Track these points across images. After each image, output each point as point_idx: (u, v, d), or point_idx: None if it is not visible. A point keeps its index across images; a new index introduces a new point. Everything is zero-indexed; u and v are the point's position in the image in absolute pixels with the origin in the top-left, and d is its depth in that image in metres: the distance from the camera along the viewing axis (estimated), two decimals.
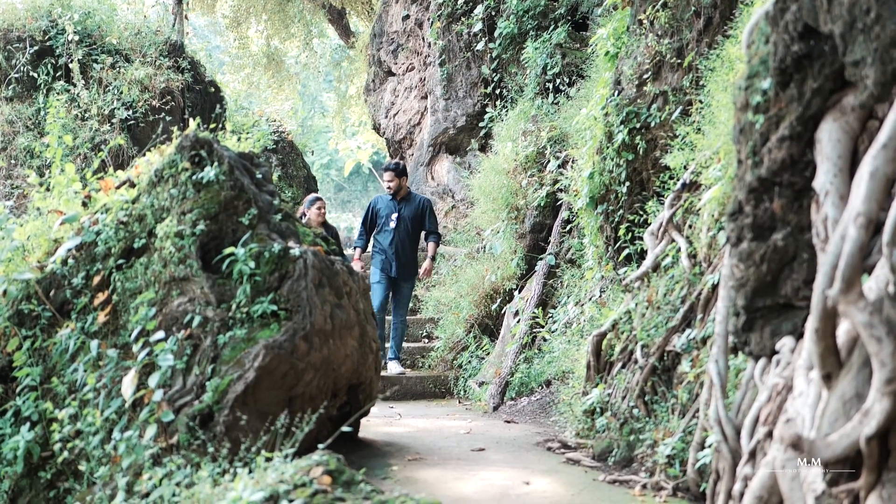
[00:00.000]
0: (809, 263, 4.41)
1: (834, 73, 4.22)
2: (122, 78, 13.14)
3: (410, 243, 12.19)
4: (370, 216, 12.37)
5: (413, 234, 12.22)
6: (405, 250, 12.11)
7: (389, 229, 12.12)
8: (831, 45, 4.15)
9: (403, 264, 12.08)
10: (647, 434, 6.28)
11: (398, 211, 12.19)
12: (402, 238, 12.10)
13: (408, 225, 12.17)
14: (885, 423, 3.23)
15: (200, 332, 6.28)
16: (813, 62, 4.26)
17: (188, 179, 6.53)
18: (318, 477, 4.75)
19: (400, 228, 12.12)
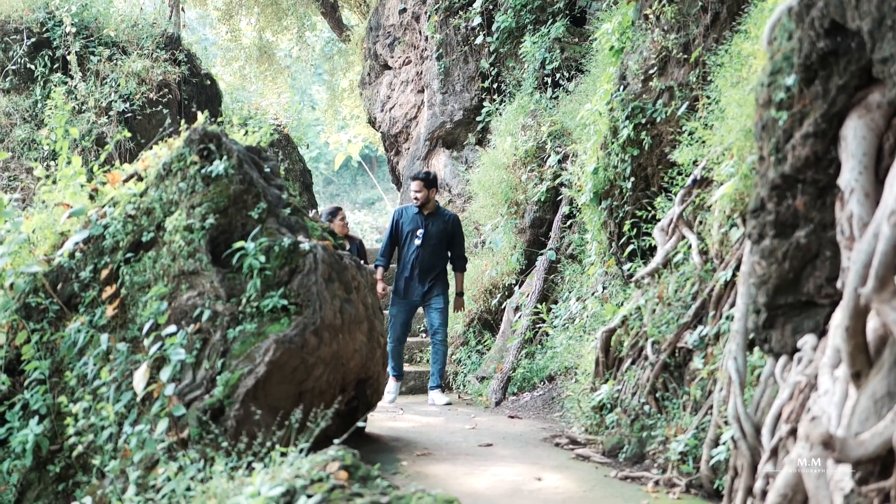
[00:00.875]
0: (832, 261, 4.40)
1: (860, 69, 4.22)
2: (119, 70, 13.08)
3: (436, 262, 10.69)
4: (394, 230, 10.85)
5: (440, 253, 10.72)
6: (431, 270, 10.63)
7: (414, 246, 10.63)
8: (858, 42, 4.15)
9: (428, 285, 10.61)
10: (658, 430, 6.28)
11: (424, 226, 10.66)
12: (426, 257, 10.61)
13: (435, 243, 10.66)
14: None
15: (210, 327, 6.25)
16: (839, 59, 4.25)
17: (197, 173, 6.50)
18: (335, 472, 4.73)
19: (425, 246, 10.60)
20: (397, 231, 10.77)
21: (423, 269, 10.56)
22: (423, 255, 10.57)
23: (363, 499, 4.48)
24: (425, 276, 10.56)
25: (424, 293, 10.56)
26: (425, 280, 10.56)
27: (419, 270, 10.55)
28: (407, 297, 10.60)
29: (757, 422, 4.73)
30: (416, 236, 10.60)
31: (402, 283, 10.61)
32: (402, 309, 10.63)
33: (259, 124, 7.78)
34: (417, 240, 10.58)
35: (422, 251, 10.56)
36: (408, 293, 10.59)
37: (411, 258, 10.59)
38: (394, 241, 10.80)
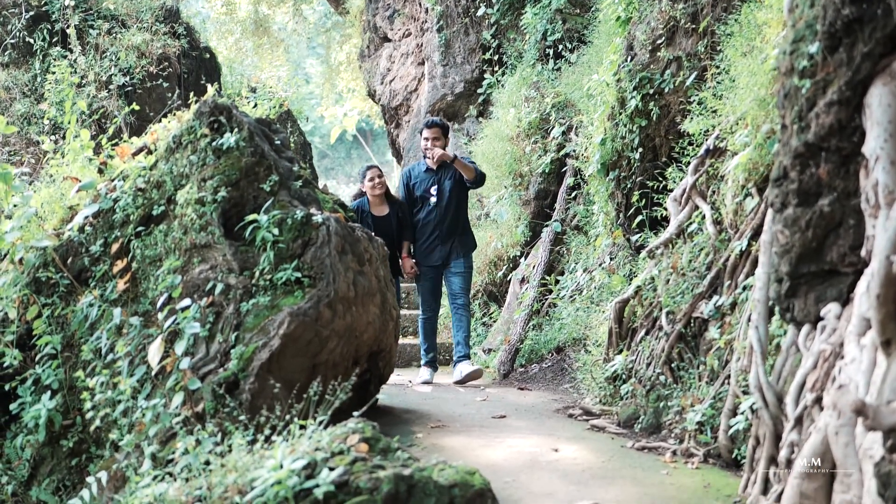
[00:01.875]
0: (856, 229, 4.39)
1: (885, 36, 4.19)
2: (118, 44, 13.00)
3: (456, 221, 9.78)
4: (407, 194, 9.90)
5: (459, 205, 9.81)
6: (451, 230, 9.73)
7: (430, 206, 9.72)
8: (884, 9, 4.12)
9: (451, 244, 9.73)
10: (674, 401, 6.29)
11: (438, 182, 9.75)
12: (444, 215, 9.70)
13: (452, 199, 9.74)
14: None
15: (223, 300, 6.23)
16: (864, 26, 4.22)
17: (208, 146, 6.46)
18: (356, 445, 4.72)
19: (442, 204, 9.69)
20: (410, 194, 9.84)
21: (443, 230, 9.70)
22: (440, 216, 9.69)
23: (385, 471, 4.47)
24: (446, 237, 9.71)
25: (445, 255, 9.70)
26: (446, 240, 9.71)
27: (438, 232, 9.70)
28: (429, 262, 9.75)
29: (779, 391, 4.73)
30: (431, 195, 9.70)
31: (422, 248, 9.77)
32: (426, 276, 9.81)
33: (265, 97, 7.73)
34: (433, 198, 9.69)
35: (438, 211, 9.69)
36: (429, 257, 9.74)
37: (429, 220, 9.70)
38: (411, 206, 9.86)
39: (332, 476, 4.35)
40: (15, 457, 6.48)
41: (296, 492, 4.32)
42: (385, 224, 9.67)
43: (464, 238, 9.79)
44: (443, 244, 9.69)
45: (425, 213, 9.73)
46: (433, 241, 9.70)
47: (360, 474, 4.44)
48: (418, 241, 9.78)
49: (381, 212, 9.75)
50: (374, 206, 9.73)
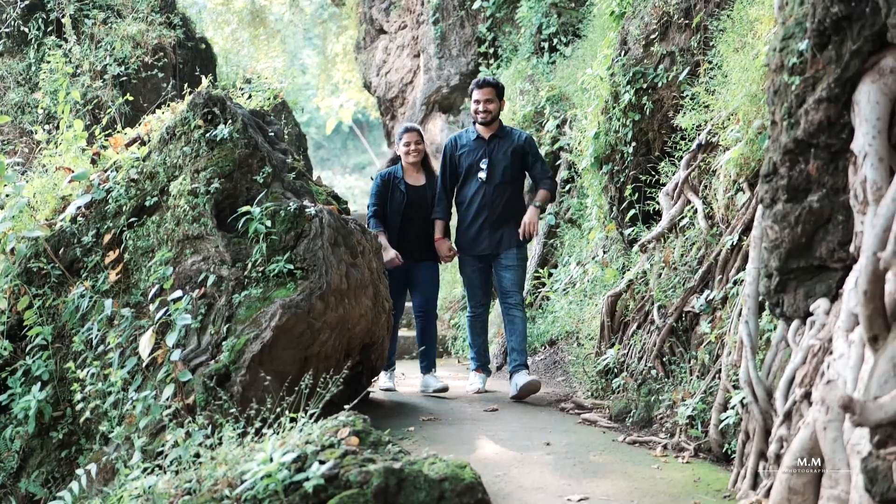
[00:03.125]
0: (845, 225, 4.40)
1: (874, 34, 4.20)
2: (114, 34, 12.95)
3: (509, 201, 8.15)
4: (448, 167, 8.29)
5: (512, 186, 8.21)
6: (503, 212, 8.10)
7: (477, 183, 8.09)
8: (872, 7, 4.13)
9: (502, 231, 8.08)
10: (665, 395, 6.31)
11: (489, 154, 8.12)
12: (495, 195, 8.06)
13: (504, 174, 8.11)
14: None
15: (215, 292, 6.25)
16: (852, 24, 4.23)
17: (201, 137, 6.47)
18: (346, 438, 4.74)
19: (494, 180, 8.07)
20: (453, 166, 8.23)
21: (493, 213, 8.03)
22: (490, 194, 8.03)
23: (376, 464, 4.48)
24: (496, 221, 8.03)
25: (495, 243, 8.06)
26: (497, 227, 8.03)
27: (487, 215, 8.03)
28: (475, 251, 8.13)
29: (769, 386, 4.75)
30: (480, 169, 8.06)
31: (467, 234, 8.13)
32: (471, 267, 8.22)
33: (259, 88, 7.73)
34: (482, 173, 8.04)
35: (488, 188, 8.02)
36: (475, 245, 8.10)
37: (476, 200, 8.06)
38: (451, 180, 8.30)
39: (322, 469, 4.36)
40: (4, 448, 6.49)
41: (285, 485, 4.33)
42: (419, 196, 8.40)
43: (517, 224, 8.06)
44: (492, 230, 8.02)
45: (472, 190, 8.07)
46: (481, 226, 8.04)
47: (351, 468, 4.45)
48: (462, 225, 8.18)
49: (416, 180, 8.47)
50: (408, 174, 8.46)
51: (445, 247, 8.32)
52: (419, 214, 8.33)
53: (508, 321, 8.03)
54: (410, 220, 8.35)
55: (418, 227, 8.35)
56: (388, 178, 8.44)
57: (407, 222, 8.35)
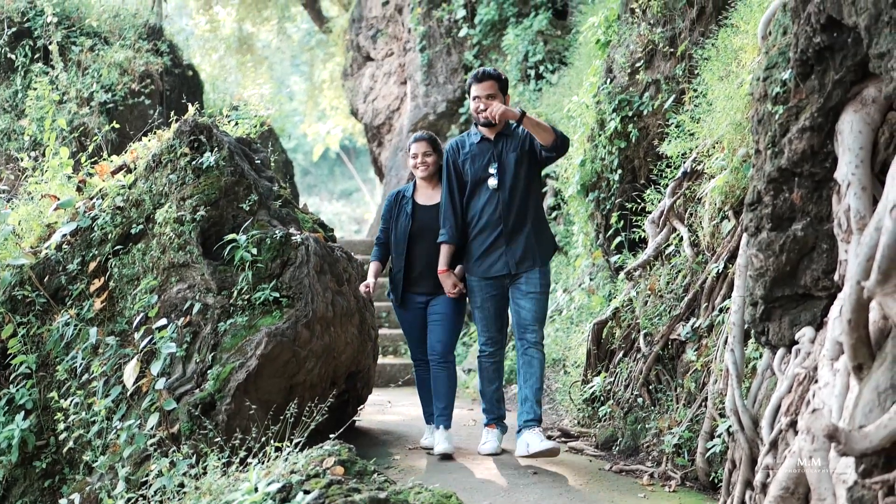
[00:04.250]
0: (829, 254, 4.42)
1: (856, 64, 4.23)
2: (101, 61, 12.97)
3: (527, 207, 6.70)
4: (454, 179, 6.79)
5: (530, 187, 6.73)
6: (520, 221, 6.65)
7: (488, 192, 6.65)
8: (854, 37, 4.16)
9: (520, 247, 6.62)
10: (652, 423, 6.30)
11: (499, 157, 6.70)
12: (510, 203, 6.62)
13: (520, 175, 6.67)
14: None
15: (200, 320, 6.23)
16: (835, 54, 4.26)
17: (188, 165, 6.47)
18: (331, 467, 4.72)
19: (506, 186, 6.63)
20: (458, 177, 6.78)
21: (509, 225, 6.62)
22: (504, 203, 6.61)
23: (361, 494, 4.46)
24: (513, 236, 6.62)
25: (514, 259, 6.61)
26: (515, 241, 6.61)
27: (502, 228, 6.61)
28: (490, 275, 6.65)
29: (755, 414, 4.75)
30: (489, 175, 6.65)
31: (479, 253, 6.67)
32: (483, 294, 6.70)
33: (246, 115, 7.75)
34: (492, 180, 6.62)
35: (501, 196, 6.61)
36: (488, 266, 6.65)
37: (488, 212, 6.64)
38: (459, 194, 6.79)
39: (307, 499, 4.34)
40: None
41: None
42: (429, 217, 6.91)
43: (539, 237, 6.69)
44: (508, 246, 6.60)
45: (482, 201, 6.66)
46: (495, 242, 6.62)
47: (336, 497, 4.43)
48: (472, 244, 6.72)
49: (427, 199, 6.97)
50: (419, 192, 7.04)
51: (450, 282, 6.72)
52: (430, 239, 6.81)
53: (524, 363, 6.56)
54: (419, 246, 6.84)
55: (429, 255, 6.80)
56: (396, 197, 7.08)
57: (414, 249, 6.85)
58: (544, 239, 6.76)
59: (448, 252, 6.71)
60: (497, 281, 6.65)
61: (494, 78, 6.70)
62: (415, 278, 6.88)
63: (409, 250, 6.88)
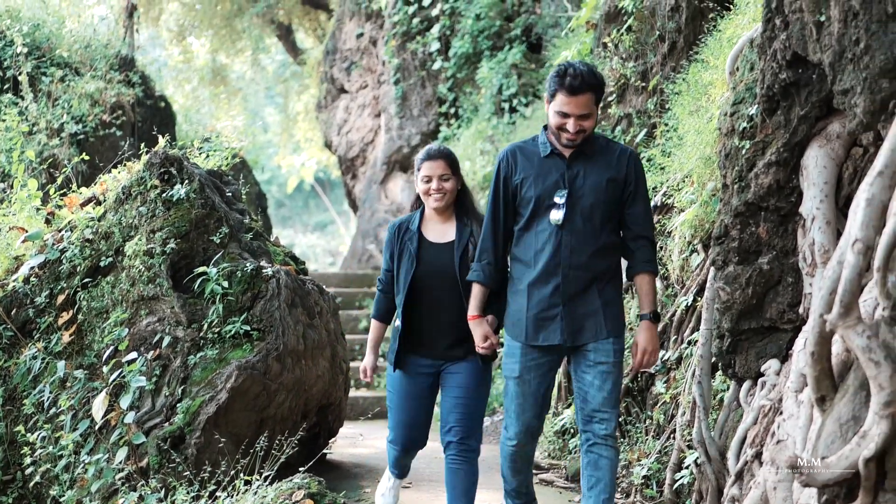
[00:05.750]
0: (794, 287, 4.48)
1: (821, 100, 4.31)
2: (71, 91, 12.94)
3: (601, 258, 4.79)
4: (502, 198, 4.89)
5: (607, 235, 4.81)
6: (592, 271, 4.77)
7: (549, 226, 4.76)
8: (819, 74, 4.23)
9: (584, 307, 4.77)
10: (621, 455, 6.31)
11: (570, 182, 4.77)
12: (578, 248, 4.74)
13: (594, 215, 4.76)
14: (884, 445, 3.28)
15: (170, 353, 6.21)
16: (800, 90, 4.34)
17: (158, 197, 6.45)
18: (301, 500, 4.73)
19: (574, 224, 4.74)
20: (509, 196, 4.86)
21: (573, 278, 4.72)
22: (569, 247, 4.71)
23: None
24: (576, 294, 4.73)
25: (576, 330, 4.73)
26: (580, 302, 4.74)
27: (562, 281, 4.72)
28: (537, 340, 4.78)
29: (721, 446, 4.78)
30: (554, 205, 4.73)
31: (527, 310, 4.79)
32: (530, 362, 4.82)
33: (218, 147, 7.75)
34: (556, 212, 4.71)
35: (566, 238, 4.70)
36: (538, 329, 4.77)
37: (544, 255, 4.74)
38: (505, 218, 4.89)
39: None
40: None
41: None
42: (441, 259, 5.21)
43: (611, 295, 4.82)
44: (571, 308, 4.72)
45: (540, 240, 4.76)
46: (551, 298, 4.73)
47: None
48: (516, 294, 4.86)
49: (440, 235, 5.27)
50: (429, 224, 5.32)
51: (481, 332, 4.93)
52: (441, 287, 5.17)
53: (589, 463, 4.78)
54: (426, 297, 5.20)
55: (440, 308, 5.17)
56: (398, 230, 5.38)
57: (420, 300, 5.20)
58: (614, 303, 4.82)
59: (481, 294, 4.93)
60: (549, 352, 4.80)
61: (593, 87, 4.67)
62: (418, 338, 5.20)
63: (413, 301, 5.17)
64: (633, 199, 4.76)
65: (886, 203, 3.51)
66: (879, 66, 3.78)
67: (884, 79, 3.79)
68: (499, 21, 14.61)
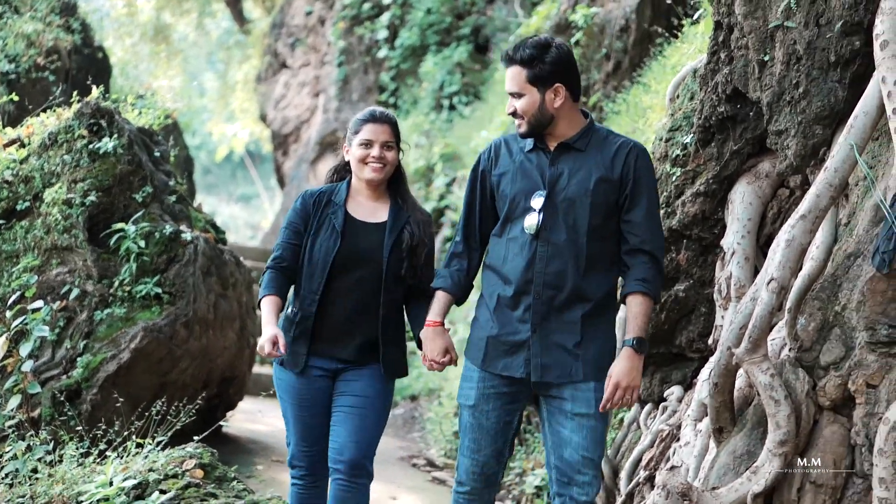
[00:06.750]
0: (706, 317, 4.56)
1: (755, 138, 4.39)
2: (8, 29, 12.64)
3: (586, 266, 3.75)
4: (479, 196, 3.96)
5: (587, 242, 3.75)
6: (574, 290, 3.74)
7: (524, 231, 3.79)
8: (756, 112, 4.31)
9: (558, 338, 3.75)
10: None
11: (554, 180, 3.79)
12: (554, 262, 3.75)
13: (578, 223, 3.76)
14: (773, 482, 3.36)
15: (77, 306, 6.11)
16: (736, 125, 4.41)
17: (84, 147, 6.33)
18: (191, 470, 4.66)
19: (556, 229, 3.77)
20: (486, 194, 3.97)
21: (548, 290, 3.77)
22: (544, 260, 3.78)
23: (218, 500, 4.43)
24: (550, 306, 3.77)
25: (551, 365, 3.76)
26: (547, 331, 3.77)
27: (535, 295, 3.77)
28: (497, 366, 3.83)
29: (616, 465, 4.84)
30: (529, 209, 3.81)
31: (488, 330, 3.86)
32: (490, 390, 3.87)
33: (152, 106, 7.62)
34: (530, 217, 3.79)
35: (540, 249, 3.78)
36: (501, 355, 3.83)
37: (517, 268, 3.82)
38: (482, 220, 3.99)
39: (162, 499, 4.29)
40: None
41: None
42: (369, 242, 4.24)
43: (599, 325, 3.85)
44: (541, 331, 3.78)
45: (511, 246, 3.87)
46: (519, 319, 3.81)
47: (192, 500, 4.39)
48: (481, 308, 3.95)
49: (370, 213, 4.28)
50: (357, 199, 4.29)
51: (441, 342, 3.95)
52: (363, 275, 4.21)
53: None
54: (346, 282, 4.20)
55: (358, 300, 4.21)
56: (316, 200, 4.31)
57: (338, 286, 4.21)
58: (608, 330, 3.89)
59: (446, 303, 3.99)
60: (510, 385, 3.83)
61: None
62: (330, 333, 4.20)
63: (330, 286, 4.19)
64: (631, 202, 3.77)
65: (806, 246, 3.59)
66: (815, 112, 3.87)
67: (818, 125, 3.88)
68: (449, 18, 14.62)
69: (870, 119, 3.48)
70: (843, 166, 3.49)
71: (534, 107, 3.78)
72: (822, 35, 3.81)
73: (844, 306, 3.36)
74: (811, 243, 3.66)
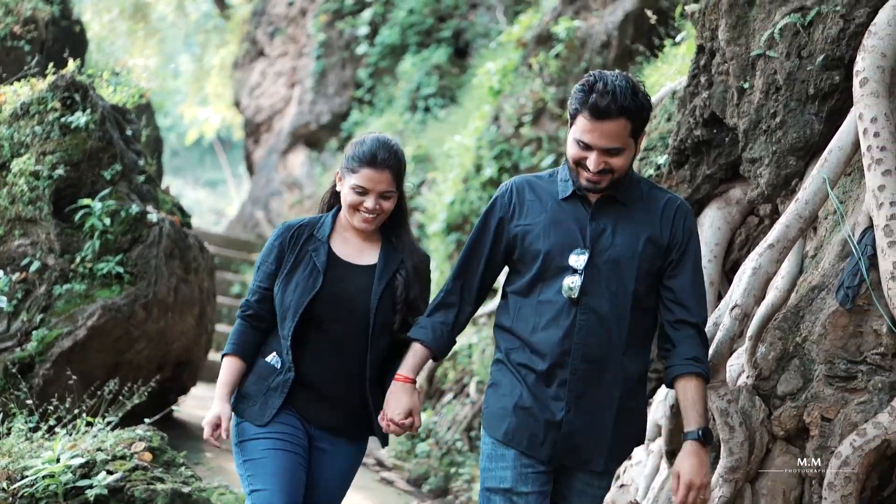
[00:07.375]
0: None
1: (728, 164, 4.42)
2: None
3: (619, 344, 3.22)
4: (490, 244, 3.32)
5: (632, 311, 3.23)
6: (604, 370, 3.21)
7: (559, 295, 3.19)
8: (732, 138, 4.34)
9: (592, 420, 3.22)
10: (466, 469, 6.37)
11: (597, 237, 3.24)
12: (596, 328, 3.19)
13: (624, 290, 3.22)
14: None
15: (37, 279, 6.06)
16: (711, 149, 4.44)
17: (56, 120, 6.28)
18: (140, 452, 4.63)
19: (594, 300, 3.19)
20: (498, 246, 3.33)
21: (588, 366, 3.19)
22: (584, 325, 3.19)
23: (164, 485, 4.40)
24: (589, 386, 3.21)
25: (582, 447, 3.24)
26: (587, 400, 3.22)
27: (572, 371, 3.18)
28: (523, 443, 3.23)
29: None
30: (569, 269, 3.20)
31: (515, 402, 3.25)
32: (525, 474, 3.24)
33: (126, 83, 7.56)
34: (572, 279, 3.18)
35: (580, 317, 3.19)
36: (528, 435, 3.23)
37: (551, 332, 3.20)
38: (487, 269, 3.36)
39: (108, 480, 4.26)
40: None
41: (67, 488, 4.21)
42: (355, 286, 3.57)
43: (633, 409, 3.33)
44: (575, 412, 3.22)
45: (545, 311, 3.23)
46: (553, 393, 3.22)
47: (138, 483, 4.36)
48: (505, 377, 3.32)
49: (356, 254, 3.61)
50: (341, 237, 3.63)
51: (406, 402, 3.34)
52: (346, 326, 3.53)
53: None
54: (327, 332, 3.52)
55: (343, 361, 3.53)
56: (295, 234, 3.63)
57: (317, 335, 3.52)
58: (636, 425, 3.39)
59: (422, 357, 3.41)
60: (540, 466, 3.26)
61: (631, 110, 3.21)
62: (306, 391, 3.52)
63: (307, 337, 3.51)
64: (676, 268, 3.28)
65: (771, 275, 3.62)
66: (790, 143, 3.91)
67: (792, 156, 3.92)
68: (430, 19, 14.62)
69: (844, 154, 3.51)
70: (814, 199, 3.52)
71: (629, 163, 3.26)
72: (802, 67, 3.85)
73: (805, 338, 3.38)
74: (777, 273, 3.69)
